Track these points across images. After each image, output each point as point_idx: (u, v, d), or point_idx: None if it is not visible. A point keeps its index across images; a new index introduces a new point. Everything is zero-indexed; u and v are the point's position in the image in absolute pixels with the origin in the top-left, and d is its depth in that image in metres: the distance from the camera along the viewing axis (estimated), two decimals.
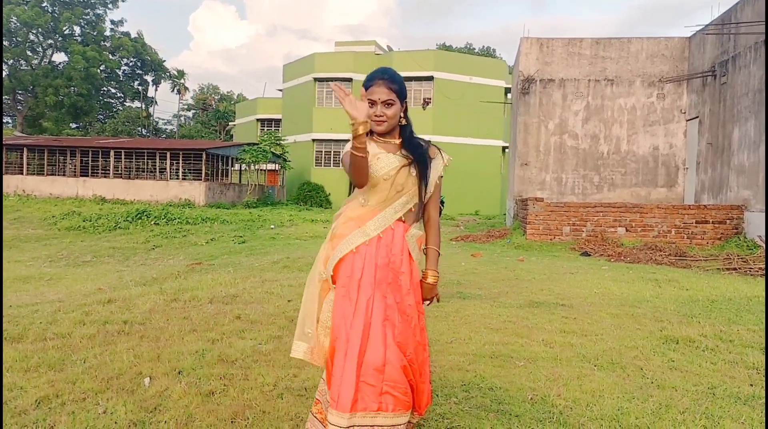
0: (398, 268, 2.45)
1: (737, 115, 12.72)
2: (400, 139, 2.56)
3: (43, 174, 29.13)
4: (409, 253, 2.50)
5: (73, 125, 52.84)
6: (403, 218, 2.52)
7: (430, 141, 2.64)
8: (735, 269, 9.17)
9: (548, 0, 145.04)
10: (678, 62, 15.91)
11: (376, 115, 2.46)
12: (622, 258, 10.67)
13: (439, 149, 2.62)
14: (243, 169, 32.93)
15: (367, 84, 2.50)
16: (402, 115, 2.54)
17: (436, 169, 2.58)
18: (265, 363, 3.85)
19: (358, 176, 2.38)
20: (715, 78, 13.99)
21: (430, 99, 32.47)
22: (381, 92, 2.45)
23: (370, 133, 2.53)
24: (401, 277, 2.45)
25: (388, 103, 2.46)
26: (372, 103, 2.46)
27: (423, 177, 2.53)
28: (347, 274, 2.43)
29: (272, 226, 19.08)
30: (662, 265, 9.89)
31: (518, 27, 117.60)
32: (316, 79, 34.05)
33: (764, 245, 10.71)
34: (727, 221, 12.14)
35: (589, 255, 11.29)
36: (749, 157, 12.09)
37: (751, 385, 3.54)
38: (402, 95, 2.50)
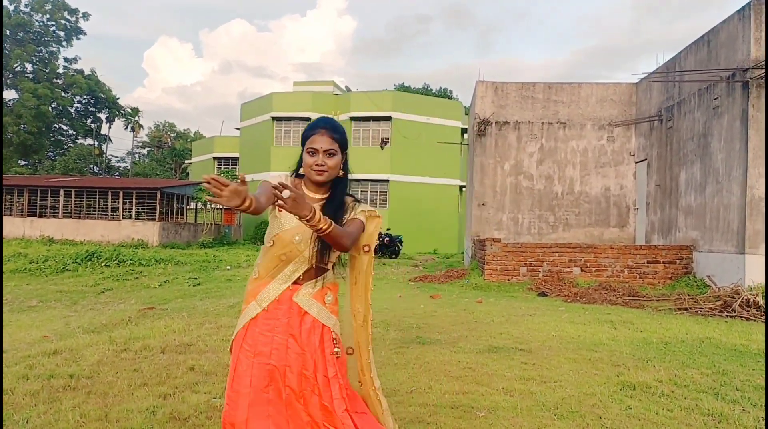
0: (284, 342, 2.36)
1: (683, 158, 13.22)
2: (327, 195, 2.46)
3: None
4: (304, 314, 2.39)
5: (22, 163, 51.42)
6: (291, 286, 2.43)
7: (359, 201, 2.52)
8: (686, 309, 9.39)
9: (494, 41, 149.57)
10: (626, 107, 16.52)
11: (317, 165, 2.37)
12: (578, 298, 10.82)
13: (369, 211, 2.49)
14: (199, 208, 32.46)
15: (308, 133, 2.42)
16: (341, 166, 2.46)
17: None
18: (218, 419, 3.70)
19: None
20: (661, 122, 14.56)
21: (388, 139, 32.82)
22: (323, 141, 2.38)
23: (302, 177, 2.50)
24: (289, 344, 2.36)
25: (329, 153, 2.38)
26: (313, 151, 2.39)
27: (322, 244, 2.36)
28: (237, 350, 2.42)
29: (228, 267, 18.74)
30: (616, 305, 10.06)
31: (467, 67, 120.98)
32: (274, 119, 34.08)
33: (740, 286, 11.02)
34: (677, 261, 12.48)
35: (546, 295, 11.41)
36: (696, 199, 12.52)
37: None
38: (343, 146, 2.45)
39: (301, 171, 2.49)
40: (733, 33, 11.35)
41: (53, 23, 49.42)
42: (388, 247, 24.43)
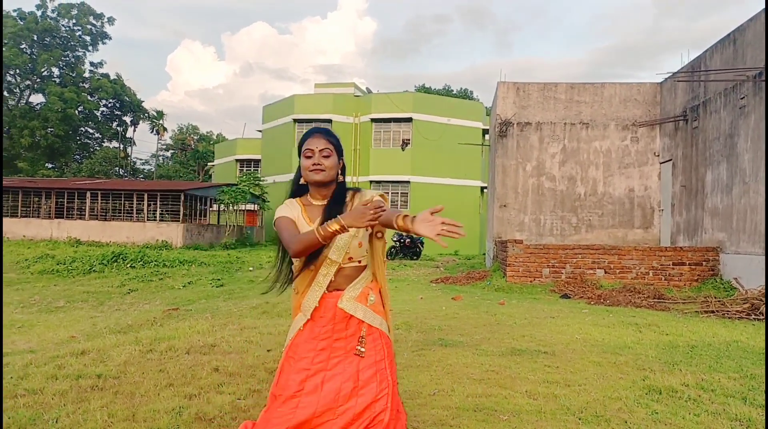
0: (333, 342, 2.42)
1: (709, 158, 13.02)
2: (327, 200, 2.50)
3: (17, 215, 28.66)
4: (349, 318, 2.43)
5: (49, 166, 52.32)
6: (327, 291, 2.46)
7: (359, 189, 2.57)
8: (713, 312, 9.25)
9: (512, 41, 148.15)
10: (650, 107, 16.32)
11: (313, 164, 2.44)
12: (602, 300, 10.71)
13: (379, 194, 2.48)
14: (221, 209, 32.75)
15: (304, 139, 2.50)
16: (340, 171, 2.52)
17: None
18: (244, 420, 3.75)
19: (303, 253, 2.34)
20: (686, 122, 14.35)
21: (409, 140, 32.82)
22: (318, 142, 2.46)
23: (304, 192, 2.54)
24: (339, 344, 2.42)
25: (325, 154, 2.45)
26: (310, 153, 2.46)
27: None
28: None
29: (251, 269, 18.89)
30: (641, 307, 9.94)
31: (486, 67, 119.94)
32: (296, 121, 34.28)
33: (742, 287, 10.83)
34: (703, 263, 12.29)
35: (569, 297, 11.31)
36: (722, 200, 12.33)
37: None
38: (339, 151, 2.51)
39: (302, 181, 2.55)
40: (759, 31, 11.15)
41: (79, 28, 50.23)
42: (410, 248, 24.41)
